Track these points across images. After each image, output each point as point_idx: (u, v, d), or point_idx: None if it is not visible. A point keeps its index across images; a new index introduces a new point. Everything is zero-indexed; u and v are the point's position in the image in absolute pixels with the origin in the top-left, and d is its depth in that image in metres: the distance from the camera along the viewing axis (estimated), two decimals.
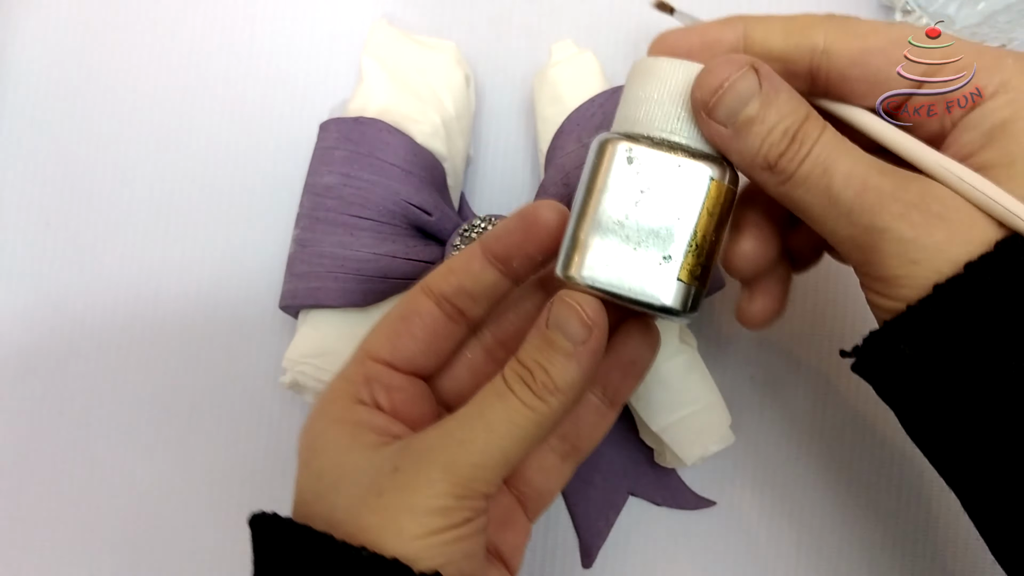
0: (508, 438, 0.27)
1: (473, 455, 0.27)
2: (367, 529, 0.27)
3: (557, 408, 0.28)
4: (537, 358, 0.28)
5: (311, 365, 0.39)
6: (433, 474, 0.27)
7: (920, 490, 0.43)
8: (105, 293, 0.45)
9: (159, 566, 0.44)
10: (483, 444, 0.27)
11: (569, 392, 0.28)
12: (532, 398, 0.28)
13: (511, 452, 0.28)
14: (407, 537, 0.26)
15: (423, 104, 0.41)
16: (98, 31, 0.47)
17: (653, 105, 0.29)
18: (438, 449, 0.28)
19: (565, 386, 0.28)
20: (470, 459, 0.27)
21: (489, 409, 0.28)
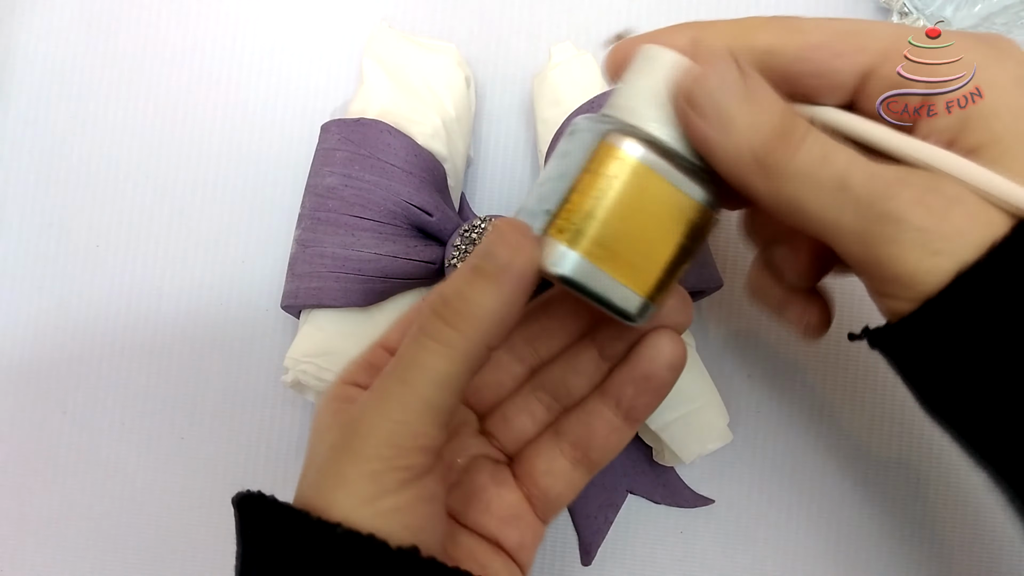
0: (426, 385, 0.26)
1: (392, 412, 0.26)
2: (317, 507, 0.26)
3: (474, 337, 0.26)
4: (458, 286, 0.27)
5: (313, 364, 0.39)
6: (356, 441, 0.26)
7: (920, 488, 0.43)
8: (108, 293, 0.45)
9: (160, 565, 0.44)
10: (399, 397, 0.26)
11: (486, 319, 0.26)
12: (447, 331, 0.26)
13: (433, 398, 0.26)
14: (344, 509, 0.26)
15: (424, 105, 0.41)
16: (100, 32, 0.47)
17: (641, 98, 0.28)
18: (362, 415, 0.27)
19: (482, 312, 0.26)
20: (390, 417, 0.26)
21: (405, 359, 0.27)
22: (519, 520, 0.32)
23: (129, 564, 0.44)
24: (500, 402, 0.34)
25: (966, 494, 0.43)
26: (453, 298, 0.26)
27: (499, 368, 0.33)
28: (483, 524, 0.32)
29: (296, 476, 0.43)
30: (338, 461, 0.26)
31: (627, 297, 0.27)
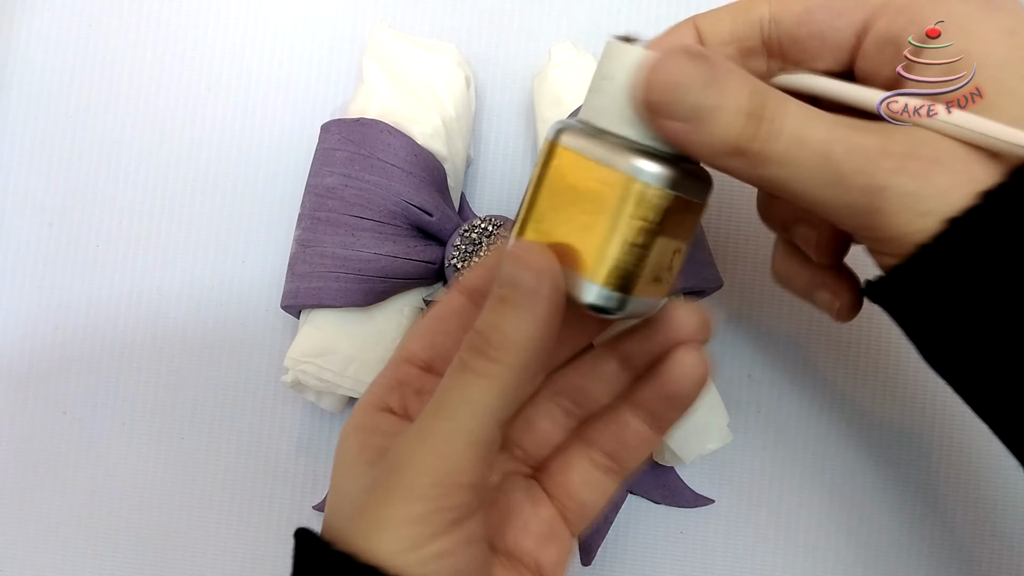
0: (471, 419, 0.25)
1: (438, 448, 0.25)
2: (359, 549, 0.25)
3: (517, 366, 0.26)
4: (491, 319, 0.26)
5: (313, 364, 0.39)
6: (403, 481, 0.25)
7: (920, 487, 0.43)
8: (107, 293, 0.45)
9: (160, 565, 0.44)
10: (445, 435, 0.25)
11: (527, 347, 0.26)
12: (487, 364, 0.26)
13: (478, 432, 0.26)
14: (389, 555, 0.25)
15: (424, 105, 0.41)
16: (100, 33, 0.47)
17: (607, 97, 0.27)
18: (406, 454, 0.26)
19: (522, 340, 0.26)
20: (436, 453, 0.25)
21: (447, 395, 0.26)
22: (555, 537, 0.31)
23: (129, 564, 0.44)
24: (520, 407, 0.32)
25: (975, 502, 0.43)
26: (488, 331, 0.26)
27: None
28: (522, 545, 0.30)
29: (296, 476, 0.44)
30: (380, 502, 0.26)
31: (583, 286, 0.27)
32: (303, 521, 0.43)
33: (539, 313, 0.26)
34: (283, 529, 0.44)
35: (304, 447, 0.44)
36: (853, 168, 0.25)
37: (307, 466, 0.44)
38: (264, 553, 0.44)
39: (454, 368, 0.26)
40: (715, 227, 0.43)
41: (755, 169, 0.26)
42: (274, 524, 0.44)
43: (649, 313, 0.29)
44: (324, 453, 0.44)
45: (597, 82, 0.28)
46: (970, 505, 0.43)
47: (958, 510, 0.43)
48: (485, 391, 0.26)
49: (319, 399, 0.41)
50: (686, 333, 0.29)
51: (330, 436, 0.44)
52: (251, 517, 0.44)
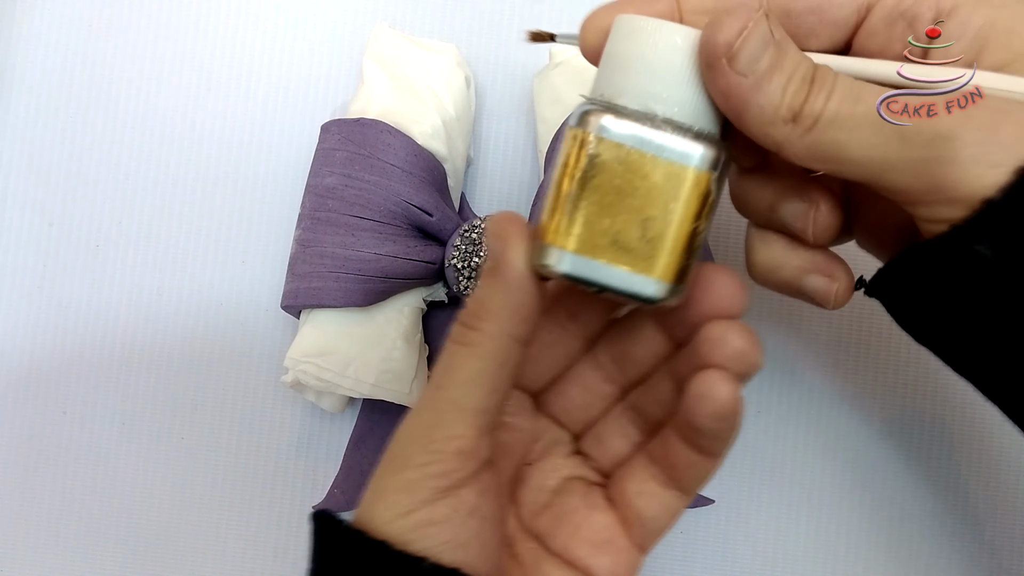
0: (456, 387, 0.26)
1: (425, 419, 0.26)
2: (362, 521, 0.26)
3: (493, 332, 0.26)
4: (475, 294, 0.27)
5: (313, 364, 0.39)
6: (396, 451, 0.26)
7: (920, 486, 0.43)
8: (108, 293, 0.45)
9: (160, 564, 0.44)
10: (432, 403, 0.26)
11: (501, 313, 0.26)
12: (469, 334, 0.26)
13: (464, 398, 0.26)
14: (382, 522, 0.25)
15: (424, 105, 0.41)
16: (101, 33, 0.47)
17: (635, 75, 0.26)
18: (402, 427, 0.27)
19: (495, 307, 0.26)
20: (424, 424, 0.26)
21: (437, 368, 0.27)
22: (611, 545, 0.30)
23: (129, 564, 0.44)
24: (593, 422, 0.32)
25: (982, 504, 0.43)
26: (471, 303, 0.27)
27: (588, 388, 0.31)
28: (572, 549, 0.29)
29: (296, 476, 0.44)
30: (378, 475, 0.26)
31: (635, 281, 0.26)
32: (303, 521, 0.43)
33: (509, 278, 0.26)
34: (283, 529, 0.44)
35: (304, 447, 0.44)
36: (916, 120, 0.24)
37: (307, 466, 0.44)
38: (264, 553, 0.44)
39: (446, 343, 0.27)
40: (715, 227, 0.43)
41: (809, 135, 0.25)
42: (274, 524, 0.44)
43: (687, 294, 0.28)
44: (324, 453, 0.44)
45: (618, 61, 0.27)
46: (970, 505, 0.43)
47: (956, 511, 0.43)
48: (468, 358, 0.26)
49: (319, 399, 0.41)
50: (719, 305, 0.28)
51: (330, 436, 0.44)
52: (251, 517, 0.44)
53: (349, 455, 0.43)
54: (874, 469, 0.43)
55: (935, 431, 0.43)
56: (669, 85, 0.26)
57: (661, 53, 0.26)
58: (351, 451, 0.43)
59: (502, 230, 0.27)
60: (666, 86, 0.26)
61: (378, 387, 0.39)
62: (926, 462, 0.43)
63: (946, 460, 0.43)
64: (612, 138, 0.26)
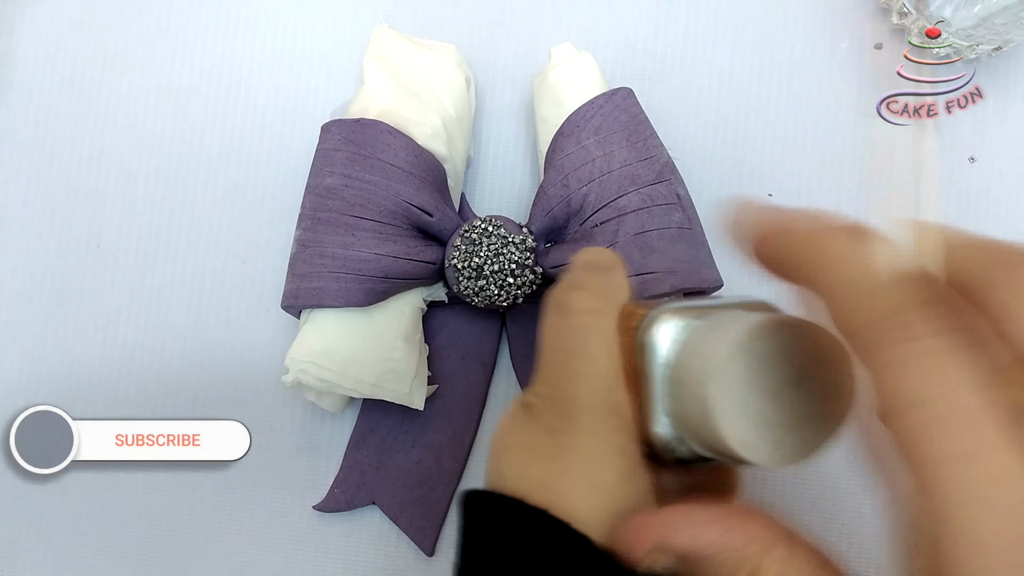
0: (592, 358, 0.26)
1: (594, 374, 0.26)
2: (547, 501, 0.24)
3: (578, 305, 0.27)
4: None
5: (313, 364, 0.39)
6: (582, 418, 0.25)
7: None
8: (108, 293, 0.45)
9: (160, 565, 0.44)
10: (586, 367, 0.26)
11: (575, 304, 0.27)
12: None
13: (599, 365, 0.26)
14: (604, 489, 0.24)
15: (424, 106, 0.41)
16: (99, 33, 0.47)
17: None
18: (578, 393, 0.26)
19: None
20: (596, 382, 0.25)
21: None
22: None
23: (130, 564, 0.44)
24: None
25: None
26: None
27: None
28: None
29: (296, 476, 0.44)
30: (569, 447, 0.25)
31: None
32: (303, 521, 0.43)
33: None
34: (283, 529, 0.44)
35: (304, 447, 0.44)
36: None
37: (307, 466, 0.44)
38: (264, 553, 0.44)
39: None
40: (715, 227, 0.43)
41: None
42: (274, 524, 0.44)
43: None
44: (324, 453, 0.44)
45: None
46: None
47: None
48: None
49: (319, 399, 0.41)
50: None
51: (330, 436, 0.44)
52: (251, 517, 0.44)
53: (349, 455, 0.43)
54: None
55: None
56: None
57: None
58: (351, 451, 0.43)
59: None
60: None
61: (378, 387, 0.39)
62: None
63: None
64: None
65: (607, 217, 0.39)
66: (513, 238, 0.40)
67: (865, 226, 0.23)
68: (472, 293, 0.40)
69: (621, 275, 0.28)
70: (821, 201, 0.44)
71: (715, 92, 0.45)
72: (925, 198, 0.45)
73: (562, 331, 0.27)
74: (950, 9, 0.42)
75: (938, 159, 0.44)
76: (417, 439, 0.43)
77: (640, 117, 0.41)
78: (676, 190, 0.40)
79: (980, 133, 0.44)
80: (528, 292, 0.41)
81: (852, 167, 0.44)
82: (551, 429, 0.26)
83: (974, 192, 0.44)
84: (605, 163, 0.40)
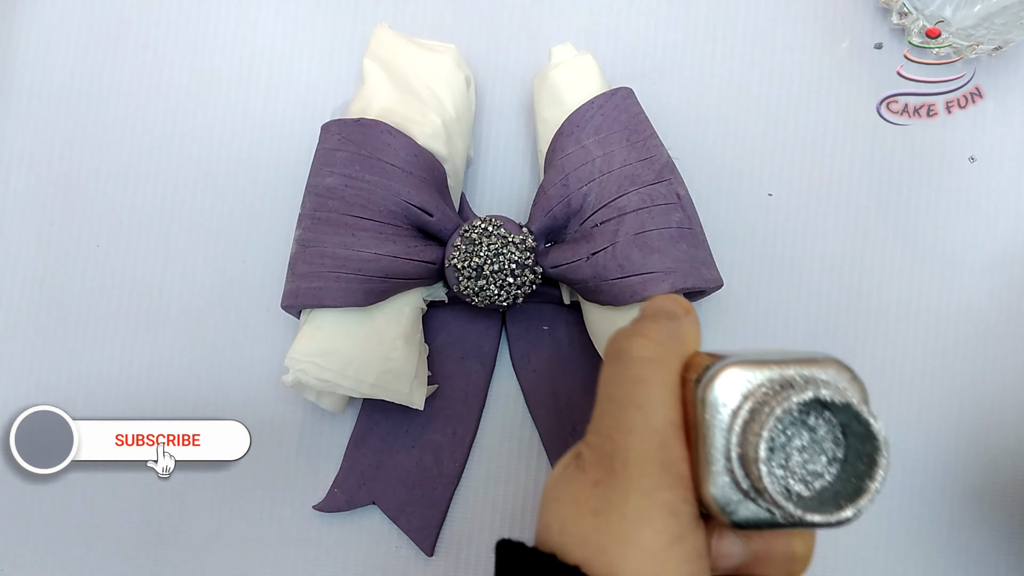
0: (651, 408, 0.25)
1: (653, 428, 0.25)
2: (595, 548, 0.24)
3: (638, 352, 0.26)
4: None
5: (313, 364, 0.39)
6: (634, 470, 0.24)
7: (915, 493, 0.43)
8: (108, 293, 0.45)
9: (161, 565, 0.44)
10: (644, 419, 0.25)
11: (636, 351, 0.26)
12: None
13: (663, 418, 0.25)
14: (647, 551, 0.23)
15: (424, 106, 0.41)
16: (100, 33, 0.47)
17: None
18: (628, 445, 0.25)
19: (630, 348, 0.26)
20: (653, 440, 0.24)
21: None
22: None
23: (130, 564, 0.44)
24: None
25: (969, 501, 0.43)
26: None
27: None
28: None
29: (296, 476, 0.44)
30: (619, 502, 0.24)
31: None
32: (303, 521, 0.43)
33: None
34: (283, 529, 0.44)
35: (304, 447, 0.44)
36: None
37: (307, 466, 0.44)
38: (264, 554, 0.44)
39: None
40: (715, 227, 0.43)
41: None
42: (274, 524, 0.44)
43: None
44: (324, 453, 0.44)
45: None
46: (972, 506, 0.43)
47: (956, 512, 0.43)
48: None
49: (319, 399, 0.41)
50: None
51: (330, 436, 0.44)
52: (251, 517, 0.44)
53: (349, 455, 0.43)
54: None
55: (939, 435, 0.43)
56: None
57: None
58: (351, 451, 0.43)
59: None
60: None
61: (378, 387, 0.39)
62: (925, 468, 0.43)
63: (953, 461, 0.43)
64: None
65: (607, 217, 0.39)
66: (513, 238, 0.40)
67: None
68: (472, 293, 0.40)
69: (691, 324, 0.27)
70: (821, 201, 0.44)
71: (715, 92, 0.45)
72: (925, 198, 0.45)
73: (618, 379, 0.26)
74: (950, 9, 0.42)
75: (938, 159, 0.44)
76: (417, 439, 0.43)
77: (640, 117, 0.41)
78: (676, 190, 0.40)
79: (980, 133, 0.44)
80: (528, 292, 0.41)
81: (852, 167, 0.44)
82: (598, 482, 0.25)
83: (974, 192, 0.44)
84: (605, 163, 0.40)
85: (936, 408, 0.43)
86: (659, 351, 0.26)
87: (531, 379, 0.43)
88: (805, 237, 0.44)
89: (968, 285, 0.44)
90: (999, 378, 0.43)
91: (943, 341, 0.44)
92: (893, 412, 0.43)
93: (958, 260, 0.44)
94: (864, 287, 0.44)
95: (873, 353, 0.44)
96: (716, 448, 0.24)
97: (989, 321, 0.44)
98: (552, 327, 0.43)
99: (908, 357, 0.44)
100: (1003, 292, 0.44)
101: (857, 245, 0.44)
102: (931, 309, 0.44)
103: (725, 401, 0.24)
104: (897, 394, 0.43)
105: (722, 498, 0.24)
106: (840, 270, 0.44)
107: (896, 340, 0.44)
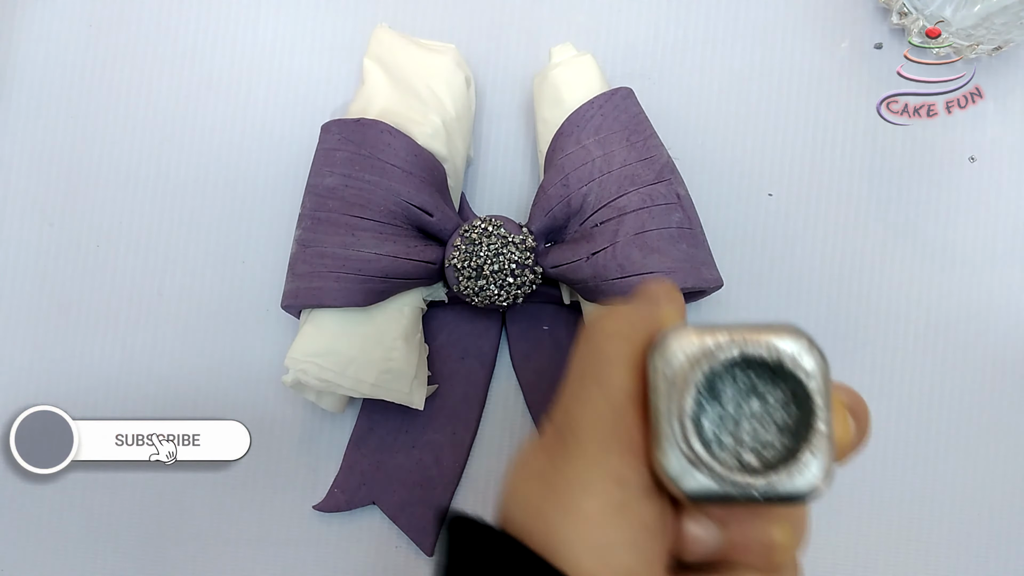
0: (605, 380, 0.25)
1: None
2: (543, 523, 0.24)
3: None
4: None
5: (313, 364, 0.39)
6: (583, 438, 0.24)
7: (921, 485, 0.43)
8: (108, 293, 0.45)
9: (161, 565, 0.44)
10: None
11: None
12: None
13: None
14: (587, 517, 0.23)
15: (424, 105, 0.41)
16: (100, 33, 0.47)
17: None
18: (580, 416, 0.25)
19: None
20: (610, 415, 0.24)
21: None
22: None
23: (130, 564, 0.44)
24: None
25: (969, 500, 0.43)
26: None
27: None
28: None
29: (296, 476, 0.44)
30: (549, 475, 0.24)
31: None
32: (303, 521, 0.43)
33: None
34: (283, 529, 0.44)
35: (304, 447, 0.44)
36: None
37: (307, 466, 0.44)
38: (264, 554, 0.44)
39: None
40: (715, 227, 0.43)
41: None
42: (274, 524, 0.44)
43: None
44: (324, 453, 0.44)
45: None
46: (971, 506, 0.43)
47: (955, 512, 0.43)
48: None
49: (319, 399, 0.41)
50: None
51: (330, 436, 0.44)
52: (251, 517, 0.44)
53: (349, 455, 0.43)
54: (872, 470, 0.43)
55: (939, 433, 0.43)
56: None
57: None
58: (351, 451, 0.43)
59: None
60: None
61: (378, 387, 0.39)
62: (926, 467, 0.43)
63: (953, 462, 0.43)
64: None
65: (607, 217, 0.39)
66: (513, 238, 0.40)
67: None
68: (472, 293, 0.40)
69: (668, 305, 0.26)
70: (821, 201, 0.44)
71: (715, 92, 0.45)
72: (925, 198, 0.45)
73: (582, 354, 0.26)
74: (950, 9, 0.42)
75: (938, 159, 0.44)
76: (417, 439, 0.43)
77: (640, 117, 0.41)
78: (676, 190, 0.40)
79: (980, 133, 0.44)
80: (528, 292, 0.41)
81: (852, 167, 0.44)
82: (550, 452, 0.25)
83: (974, 192, 0.44)
84: (605, 163, 0.40)
85: (936, 408, 0.43)
86: (625, 327, 0.25)
87: (531, 379, 0.43)
88: (805, 237, 0.44)
89: (968, 285, 0.44)
90: (999, 378, 0.43)
91: (943, 341, 0.44)
92: (893, 411, 0.43)
93: (958, 260, 0.44)
94: (864, 287, 0.44)
95: (873, 353, 0.44)
96: (662, 413, 0.24)
97: (989, 321, 0.44)
98: (552, 327, 0.43)
99: (908, 357, 0.44)
100: (1003, 292, 0.44)
101: (857, 245, 0.44)
102: (931, 309, 0.44)
103: (670, 363, 0.24)
104: (897, 394, 0.43)
105: (672, 467, 0.23)
106: (840, 270, 0.44)
107: (896, 340, 0.44)
